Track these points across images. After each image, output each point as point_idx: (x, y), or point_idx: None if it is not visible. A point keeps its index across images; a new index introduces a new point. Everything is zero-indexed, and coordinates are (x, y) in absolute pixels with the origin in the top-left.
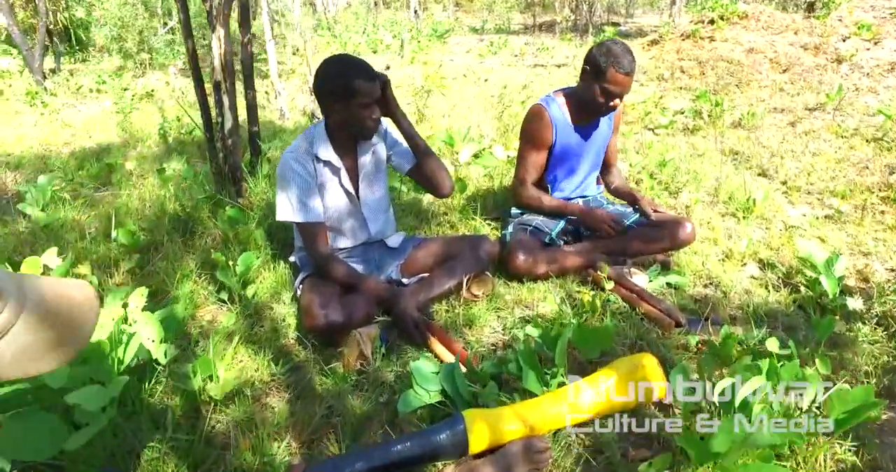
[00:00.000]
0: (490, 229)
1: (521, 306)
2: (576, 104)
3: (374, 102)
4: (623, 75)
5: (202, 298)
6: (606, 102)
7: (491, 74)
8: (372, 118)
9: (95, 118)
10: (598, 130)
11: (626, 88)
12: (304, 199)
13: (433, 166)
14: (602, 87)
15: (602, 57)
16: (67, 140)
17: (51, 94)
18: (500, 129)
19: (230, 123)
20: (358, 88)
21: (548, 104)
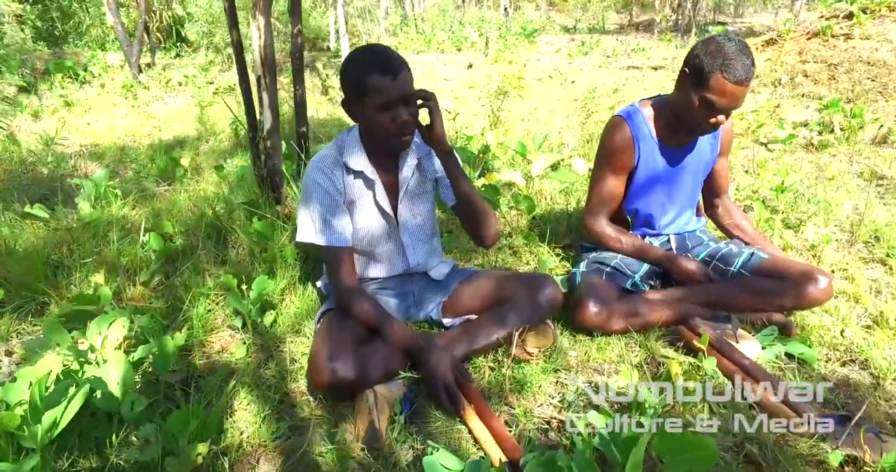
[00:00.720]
0: (558, 262)
1: (588, 369)
2: (667, 118)
3: (398, 103)
4: (734, 85)
5: (219, 320)
6: (707, 118)
7: (579, 76)
8: (394, 123)
9: (178, 111)
10: (695, 154)
11: (737, 101)
12: (328, 217)
13: (475, 213)
14: (703, 97)
15: (707, 57)
16: (150, 132)
17: (144, 87)
18: (584, 137)
19: (269, 122)
20: (370, 85)
21: (630, 117)
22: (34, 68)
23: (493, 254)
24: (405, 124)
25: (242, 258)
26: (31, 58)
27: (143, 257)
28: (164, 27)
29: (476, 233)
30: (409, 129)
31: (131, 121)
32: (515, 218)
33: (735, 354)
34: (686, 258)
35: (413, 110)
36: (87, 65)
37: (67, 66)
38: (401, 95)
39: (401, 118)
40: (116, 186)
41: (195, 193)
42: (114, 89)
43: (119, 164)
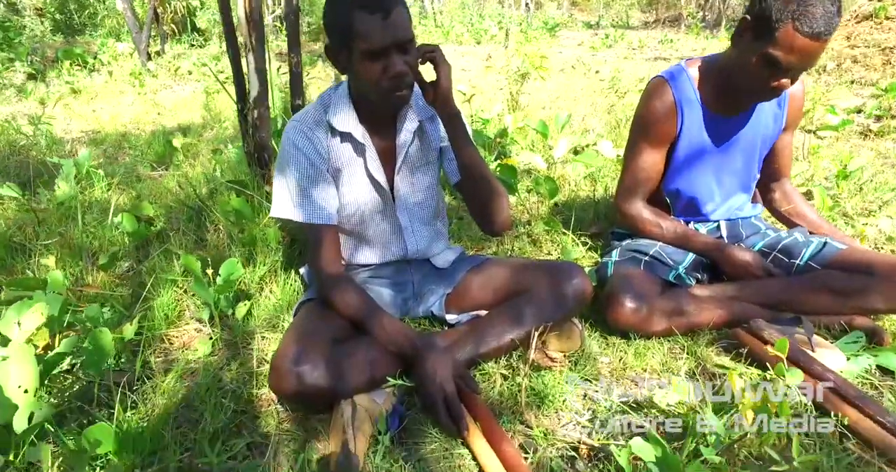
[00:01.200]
0: (584, 251)
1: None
2: (717, 81)
3: (391, 50)
4: (808, 39)
5: (188, 313)
6: (768, 80)
7: (603, 66)
8: (386, 75)
9: (185, 99)
10: (752, 125)
11: (810, 61)
12: (307, 188)
13: (483, 191)
14: (766, 54)
15: (778, 1)
16: (154, 119)
17: (152, 75)
18: (611, 124)
19: (256, 89)
20: (357, 26)
21: (673, 78)
22: (44, 56)
23: (509, 243)
24: (400, 76)
25: (220, 242)
26: (41, 46)
27: (114, 240)
28: (178, 19)
29: (483, 216)
30: (406, 82)
31: (137, 108)
32: (535, 204)
33: (815, 366)
34: (740, 248)
35: (411, 59)
36: (96, 53)
37: (76, 54)
38: (394, 40)
39: (394, 68)
40: (105, 168)
41: (185, 176)
42: (122, 77)
43: (118, 150)
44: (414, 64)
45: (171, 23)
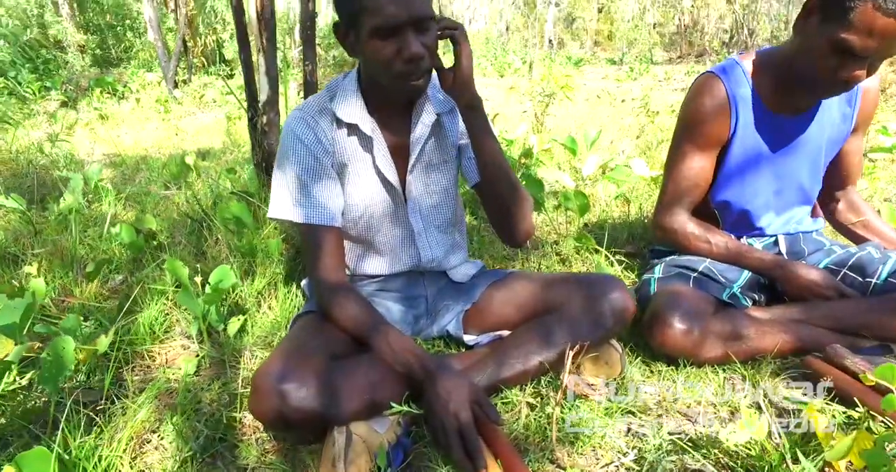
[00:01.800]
0: (620, 270)
1: (675, 414)
2: (777, 74)
3: (406, 28)
4: (890, 18)
5: (176, 326)
6: (842, 69)
7: (629, 96)
8: (400, 57)
9: (207, 126)
10: (816, 126)
11: (892, 46)
12: (309, 184)
13: (504, 192)
14: (839, 40)
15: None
16: (176, 143)
17: (178, 102)
18: (641, 146)
19: (266, 93)
20: (367, 1)
21: (724, 73)
22: (78, 85)
23: (536, 261)
24: (415, 59)
25: (219, 254)
26: (77, 77)
27: (111, 252)
28: (207, 51)
29: (503, 223)
30: (422, 67)
31: (160, 133)
32: (564, 224)
33: None
34: (804, 265)
35: (429, 40)
36: (126, 82)
37: (108, 83)
38: (409, 15)
39: (409, 49)
40: (118, 186)
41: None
42: (149, 104)
43: (136, 171)
44: (432, 46)
45: (202, 55)
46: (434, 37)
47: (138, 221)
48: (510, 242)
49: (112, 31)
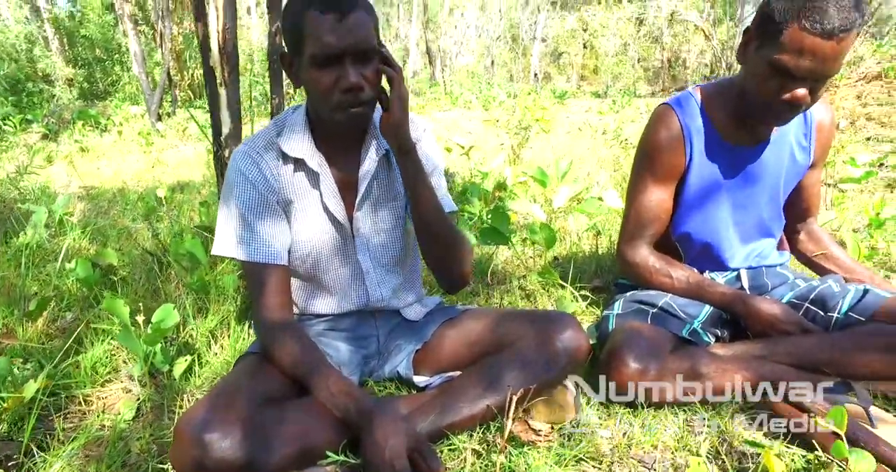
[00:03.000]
0: (585, 306)
1: (631, 461)
2: (729, 103)
3: (345, 58)
4: (818, 37)
5: (121, 368)
6: (782, 90)
7: (609, 127)
8: (338, 87)
9: (188, 158)
10: (774, 155)
11: (825, 64)
12: (252, 221)
13: (437, 238)
14: (774, 61)
15: (784, 2)
16: (156, 176)
17: (160, 135)
18: (616, 178)
19: (228, 126)
20: (308, 27)
21: (679, 106)
22: (60, 118)
23: (499, 296)
24: (353, 89)
25: (173, 291)
26: (60, 109)
27: (64, 288)
28: (194, 85)
29: (439, 267)
30: (362, 97)
31: (140, 166)
32: (532, 257)
33: (882, 447)
34: (765, 299)
35: (369, 71)
36: (110, 115)
37: (91, 116)
38: (348, 46)
39: (347, 79)
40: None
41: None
42: (131, 137)
43: (111, 204)
44: (373, 77)
45: (188, 89)
46: (376, 70)
47: (98, 255)
48: (446, 287)
49: (100, 65)
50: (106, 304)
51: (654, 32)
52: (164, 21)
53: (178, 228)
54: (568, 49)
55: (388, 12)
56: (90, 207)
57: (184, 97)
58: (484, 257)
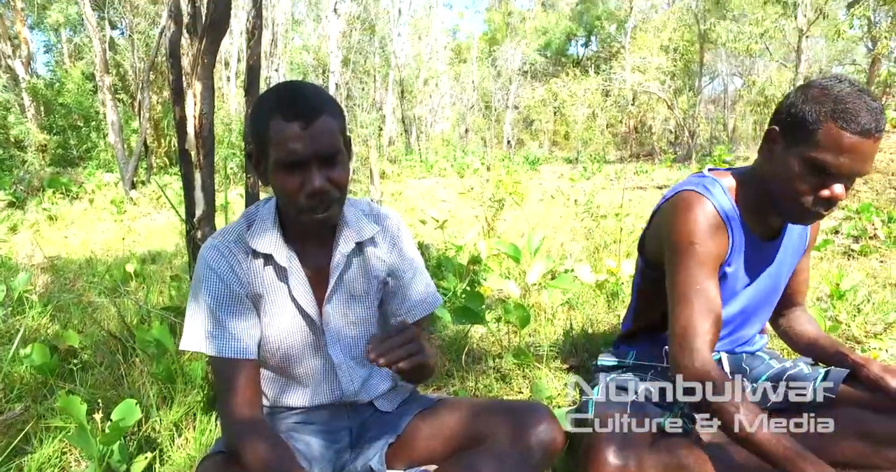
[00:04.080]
0: (561, 388)
1: None
2: (757, 196)
3: (310, 163)
4: (857, 136)
5: (72, 466)
6: (817, 189)
7: (581, 195)
8: (303, 192)
9: (161, 227)
10: (785, 247)
11: (864, 163)
12: (222, 316)
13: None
14: (809, 158)
15: (811, 104)
16: (126, 246)
17: (133, 203)
18: (589, 248)
19: (202, 208)
20: (273, 133)
21: (707, 190)
22: (30, 185)
23: (473, 379)
24: (317, 194)
25: (136, 380)
26: (29, 176)
27: (18, 376)
28: (171, 152)
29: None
30: (327, 199)
31: (110, 235)
32: (506, 335)
33: None
34: None
35: (336, 174)
36: (82, 182)
37: (62, 183)
38: (312, 152)
39: (312, 184)
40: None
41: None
42: (103, 205)
43: (77, 275)
44: (340, 180)
45: (165, 156)
46: (343, 170)
47: (58, 337)
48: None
49: (75, 131)
50: (61, 403)
51: (619, 102)
52: (144, 92)
53: (145, 310)
54: (539, 117)
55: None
56: (53, 280)
57: (160, 164)
58: (458, 336)
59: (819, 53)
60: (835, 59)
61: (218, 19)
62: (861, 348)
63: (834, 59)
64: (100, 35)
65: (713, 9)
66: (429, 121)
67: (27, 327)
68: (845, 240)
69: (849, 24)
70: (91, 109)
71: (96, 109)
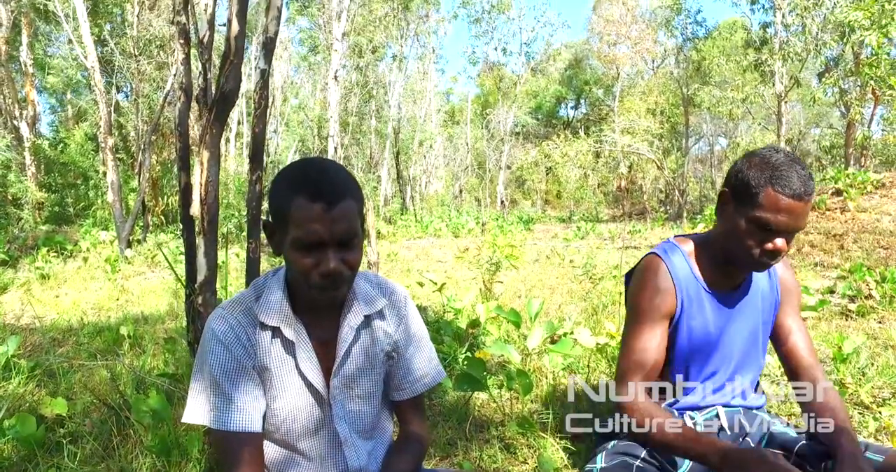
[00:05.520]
0: (566, 459)
1: None
2: (712, 253)
3: (328, 245)
4: (790, 199)
5: None
6: (762, 243)
7: (576, 256)
8: (317, 271)
9: (155, 287)
10: (750, 298)
11: (798, 220)
12: (227, 389)
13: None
14: (754, 217)
15: (753, 170)
16: (119, 306)
17: (128, 262)
18: (587, 311)
19: (203, 273)
20: (294, 212)
21: (666, 254)
22: (24, 243)
23: (477, 449)
24: (331, 275)
25: (129, 452)
26: (24, 234)
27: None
28: (168, 210)
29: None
30: (339, 280)
31: (103, 294)
32: (508, 402)
33: None
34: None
35: (351, 256)
36: (77, 241)
37: (57, 241)
38: (331, 236)
39: (327, 266)
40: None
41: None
42: (97, 263)
43: (68, 336)
44: (353, 261)
45: (161, 215)
46: (357, 252)
47: (45, 405)
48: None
49: (73, 189)
50: None
51: (610, 163)
52: (145, 152)
53: (140, 377)
54: (531, 177)
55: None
56: (41, 342)
57: (156, 222)
58: (460, 403)
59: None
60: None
61: (229, 92)
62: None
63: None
64: (106, 98)
65: (695, 75)
66: (423, 181)
67: (12, 393)
68: (841, 300)
69: (822, 92)
70: (91, 168)
71: (96, 169)
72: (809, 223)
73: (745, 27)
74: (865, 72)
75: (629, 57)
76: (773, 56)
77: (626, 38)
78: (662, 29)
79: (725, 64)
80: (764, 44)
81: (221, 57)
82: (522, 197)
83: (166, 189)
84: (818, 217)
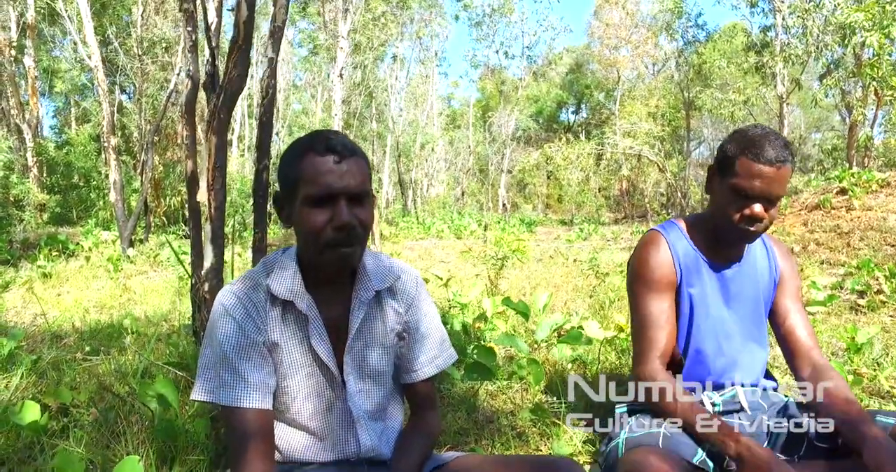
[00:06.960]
0: (580, 445)
1: None
2: (705, 228)
3: (339, 198)
4: (762, 164)
5: None
6: (740, 209)
7: (580, 256)
8: (331, 226)
9: (158, 286)
10: (750, 269)
11: (771, 185)
12: (237, 364)
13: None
14: (732, 185)
15: (731, 144)
16: (121, 304)
17: (130, 261)
18: (594, 306)
19: (210, 260)
20: (304, 168)
21: (664, 229)
22: (26, 243)
23: (489, 437)
24: (345, 227)
25: (134, 437)
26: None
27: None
28: (170, 211)
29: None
30: (352, 237)
31: (105, 293)
32: (518, 392)
33: None
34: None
35: (363, 214)
36: (79, 241)
37: (59, 241)
38: (343, 188)
39: (340, 218)
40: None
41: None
42: (99, 263)
43: (70, 332)
44: (366, 220)
45: (163, 215)
46: (370, 211)
47: (49, 394)
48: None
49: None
50: (59, 461)
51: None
52: (148, 152)
53: (145, 364)
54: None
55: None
56: (44, 337)
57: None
58: (468, 394)
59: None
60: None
61: (237, 76)
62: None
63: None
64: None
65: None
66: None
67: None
68: (850, 295)
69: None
70: (94, 169)
71: (98, 170)
72: (815, 222)
73: (745, 30)
74: (867, 73)
75: (630, 61)
76: (773, 58)
77: (627, 42)
78: (663, 33)
79: (726, 67)
80: (765, 47)
81: (230, 42)
82: (524, 201)
83: (168, 190)
84: (823, 216)
